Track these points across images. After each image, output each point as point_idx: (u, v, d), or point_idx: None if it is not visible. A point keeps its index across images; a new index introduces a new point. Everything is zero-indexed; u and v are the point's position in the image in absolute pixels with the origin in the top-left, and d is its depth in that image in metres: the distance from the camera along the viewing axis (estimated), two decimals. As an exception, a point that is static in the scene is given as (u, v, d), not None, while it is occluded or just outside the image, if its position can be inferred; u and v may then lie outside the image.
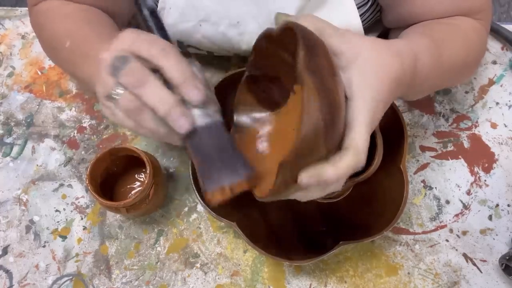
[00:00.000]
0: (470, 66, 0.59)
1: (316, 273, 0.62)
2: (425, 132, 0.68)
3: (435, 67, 0.50)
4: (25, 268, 0.63)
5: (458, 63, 0.55)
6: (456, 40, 0.55)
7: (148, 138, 0.68)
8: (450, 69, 0.54)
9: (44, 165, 0.68)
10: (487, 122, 0.68)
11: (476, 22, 0.58)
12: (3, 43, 0.75)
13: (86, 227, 0.65)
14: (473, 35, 0.57)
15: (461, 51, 0.55)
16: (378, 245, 0.63)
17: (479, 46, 0.59)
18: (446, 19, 0.57)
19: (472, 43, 0.57)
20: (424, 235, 0.63)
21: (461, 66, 0.56)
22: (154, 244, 0.64)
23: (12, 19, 0.77)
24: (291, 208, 0.62)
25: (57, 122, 0.70)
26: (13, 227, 0.65)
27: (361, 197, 0.61)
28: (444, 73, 0.53)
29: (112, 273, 0.63)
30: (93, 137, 0.69)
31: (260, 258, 0.63)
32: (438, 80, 0.54)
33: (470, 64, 0.59)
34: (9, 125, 0.71)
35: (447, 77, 0.56)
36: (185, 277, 0.62)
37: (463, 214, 0.64)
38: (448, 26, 0.56)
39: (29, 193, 0.67)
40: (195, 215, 0.65)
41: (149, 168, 0.57)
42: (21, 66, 0.74)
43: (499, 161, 0.66)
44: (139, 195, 0.56)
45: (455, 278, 0.61)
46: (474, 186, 0.65)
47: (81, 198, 0.66)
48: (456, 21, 0.57)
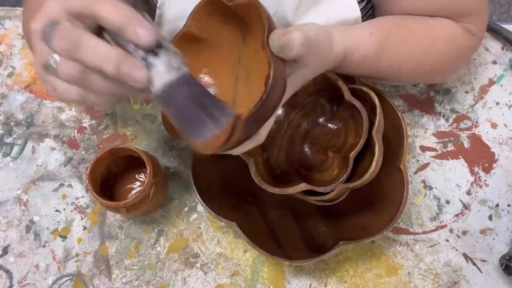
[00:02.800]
0: (427, 71, 0.59)
1: (316, 273, 0.62)
2: (425, 132, 0.68)
3: (367, 64, 0.55)
4: (25, 268, 0.63)
5: (404, 65, 0.57)
6: (412, 45, 0.57)
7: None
8: (390, 69, 0.57)
9: (44, 165, 0.68)
10: (487, 122, 0.68)
11: (458, 26, 0.58)
12: (3, 43, 0.75)
13: (86, 227, 0.65)
14: (442, 43, 0.58)
15: (414, 55, 0.57)
16: (378, 245, 0.63)
17: (445, 54, 0.59)
18: (425, 20, 0.58)
19: (434, 52, 0.58)
20: (424, 235, 0.63)
21: (409, 69, 0.58)
22: (154, 244, 0.64)
23: (12, 19, 0.77)
24: (291, 208, 0.62)
25: (57, 122, 0.70)
26: (13, 227, 0.65)
27: (361, 197, 0.61)
28: (382, 70, 0.57)
29: (112, 273, 0.63)
30: (93, 137, 0.69)
31: (260, 258, 0.63)
32: (371, 73, 0.57)
33: (426, 70, 0.59)
34: (9, 125, 0.71)
35: (387, 73, 0.58)
36: (185, 277, 0.62)
37: (463, 214, 0.64)
38: (417, 29, 0.57)
39: (29, 193, 0.67)
40: (195, 215, 0.65)
41: (149, 168, 0.57)
42: (21, 66, 0.74)
43: (499, 161, 0.66)
44: (139, 195, 0.56)
45: (455, 278, 0.61)
46: (474, 186, 0.65)
47: (81, 198, 0.66)
48: (433, 25, 0.57)
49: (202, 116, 0.38)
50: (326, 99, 0.60)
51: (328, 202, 0.59)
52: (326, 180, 0.58)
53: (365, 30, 0.55)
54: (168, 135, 0.68)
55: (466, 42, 0.60)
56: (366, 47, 0.54)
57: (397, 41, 0.56)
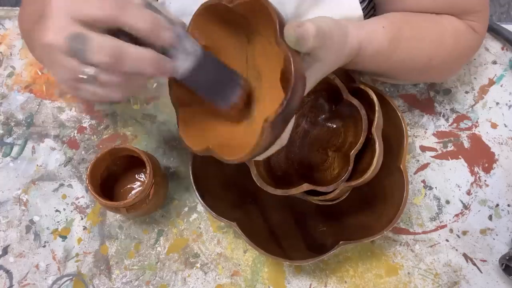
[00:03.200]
0: (435, 67, 0.59)
1: (316, 273, 0.62)
2: (425, 132, 0.68)
3: (379, 59, 0.54)
4: (25, 268, 0.63)
5: (415, 60, 0.57)
6: (423, 40, 0.56)
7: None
8: (401, 64, 0.56)
9: (44, 165, 0.68)
10: (487, 122, 0.68)
11: (463, 24, 0.58)
12: (3, 43, 0.75)
13: (86, 227, 0.65)
14: (450, 39, 0.57)
15: (425, 49, 0.57)
16: (378, 245, 0.63)
17: (452, 51, 0.59)
18: (432, 16, 0.57)
19: (443, 46, 0.57)
20: (424, 235, 0.63)
21: (420, 64, 0.57)
22: (154, 244, 0.64)
23: (12, 19, 0.77)
24: (291, 208, 0.62)
25: (57, 122, 0.70)
26: (13, 227, 0.65)
27: (361, 197, 0.61)
28: (393, 64, 0.56)
29: (112, 273, 0.63)
30: (93, 137, 0.69)
31: (260, 258, 0.63)
32: (382, 68, 0.57)
33: (435, 65, 0.59)
34: (9, 125, 0.71)
35: (397, 68, 0.58)
36: (185, 277, 0.62)
37: (463, 214, 0.64)
38: (426, 24, 0.57)
39: (29, 193, 0.67)
40: (195, 215, 0.65)
41: (149, 168, 0.57)
42: (21, 66, 0.74)
43: (499, 161, 0.66)
44: (139, 195, 0.56)
45: (455, 278, 0.61)
46: (474, 186, 0.65)
47: (81, 198, 0.66)
48: (440, 21, 0.57)
49: (224, 86, 0.44)
50: (325, 98, 0.60)
51: (330, 201, 0.59)
52: (327, 179, 0.58)
53: (377, 24, 0.54)
54: (168, 135, 0.69)
55: (470, 39, 0.60)
56: (379, 41, 0.53)
57: (409, 36, 0.55)
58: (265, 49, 0.45)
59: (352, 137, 0.57)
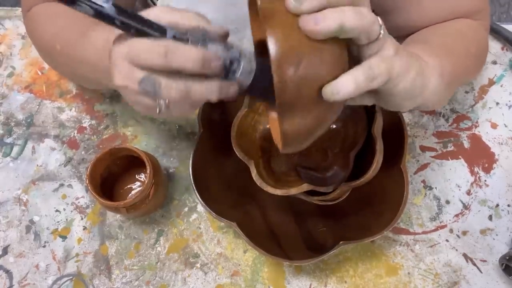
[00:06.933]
0: (469, 78, 0.59)
1: (316, 273, 0.62)
2: (425, 132, 0.68)
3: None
4: (25, 268, 0.63)
5: (459, 55, 0.55)
6: (457, 44, 0.55)
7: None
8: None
9: (44, 165, 0.68)
10: (487, 122, 0.68)
11: (475, 23, 0.58)
12: (3, 43, 0.75)
13: (86, 227, 0.65)
14: (469, 31, 0.57)
15: (460, 44, 0.55)
16: (378, 245, 0.63)
17: (476, 41, 0.58)
18: (446, 29, 0.57)
19: (469, 57, 0.56)
20: (424, 235, 0.63)
21: (465, 59, 0.56)
22: (154, 244, 0.64)
23: (12, 19, 0.77)
24: (291, 208, 0.62)
25: (57, 122, 0.70)
26: (13, 227, 0.65)
27: (361, 197, 0.61)
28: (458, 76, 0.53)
29: (112, 273, 0.63)
30: (93, 137, 0.69)
31: (260, 258, 0.63)
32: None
33: (474, 59, 0.58)
34: (9, 125, 0.71)
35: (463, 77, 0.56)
36: (185, 277, 0.62)
37: (463, 214, 0.64)
38: (449, 40, 0.55)
39: (29, 193, 0.67)
40: (195, 215, 0.65)
41: (149, 168, 0.57)
42: (21, 66, 0.74)
43: (499, 161, 0.66)
44: (139, 195, 0.56)
45: (455, 278, 0.61)
46: (474, 186, 0.65)
47: (81, 198, 0.66)
48: (459, 28, 0.57)
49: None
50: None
51: (330, 201, 0.59)
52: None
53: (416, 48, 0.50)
54: (168, 135, 0.69)
55: (483, 31, 0.60)
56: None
57: (441, 42, 0.54)
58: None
59: (352, 138, 0.57)
